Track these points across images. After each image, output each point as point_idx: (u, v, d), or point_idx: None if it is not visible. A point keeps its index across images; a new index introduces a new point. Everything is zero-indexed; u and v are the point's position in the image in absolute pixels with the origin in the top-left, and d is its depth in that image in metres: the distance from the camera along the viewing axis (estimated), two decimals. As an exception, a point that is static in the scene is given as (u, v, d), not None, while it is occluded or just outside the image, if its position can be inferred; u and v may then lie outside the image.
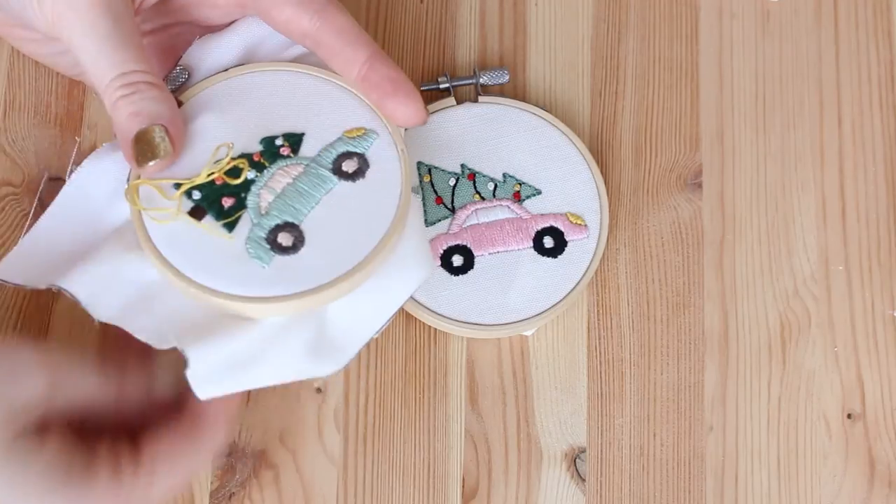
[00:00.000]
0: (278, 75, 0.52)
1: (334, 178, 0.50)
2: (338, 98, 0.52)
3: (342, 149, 0.51)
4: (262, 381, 0.48)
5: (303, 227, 0.49)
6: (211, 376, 0.47)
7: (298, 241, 0.49)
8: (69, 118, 0.59)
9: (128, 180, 0.50)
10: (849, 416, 0.58)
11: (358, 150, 0.51)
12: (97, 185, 0.51)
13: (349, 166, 0.51)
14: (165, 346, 0.46)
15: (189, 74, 0.53)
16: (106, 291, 0.47)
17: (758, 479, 0.57)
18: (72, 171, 0.51)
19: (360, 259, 0.49)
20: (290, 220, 0.49)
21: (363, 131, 0.52)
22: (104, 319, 0.47)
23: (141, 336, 0.46)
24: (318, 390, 0.56)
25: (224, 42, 0.54)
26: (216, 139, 0.50)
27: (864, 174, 0.61)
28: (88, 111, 0.59)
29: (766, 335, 0.58)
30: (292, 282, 0.48)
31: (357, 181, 0.51)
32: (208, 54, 0.53)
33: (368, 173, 0.51)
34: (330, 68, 0.52)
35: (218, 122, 0.51)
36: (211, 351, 0.47)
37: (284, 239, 0.49)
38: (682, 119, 0.61)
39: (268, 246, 0.48)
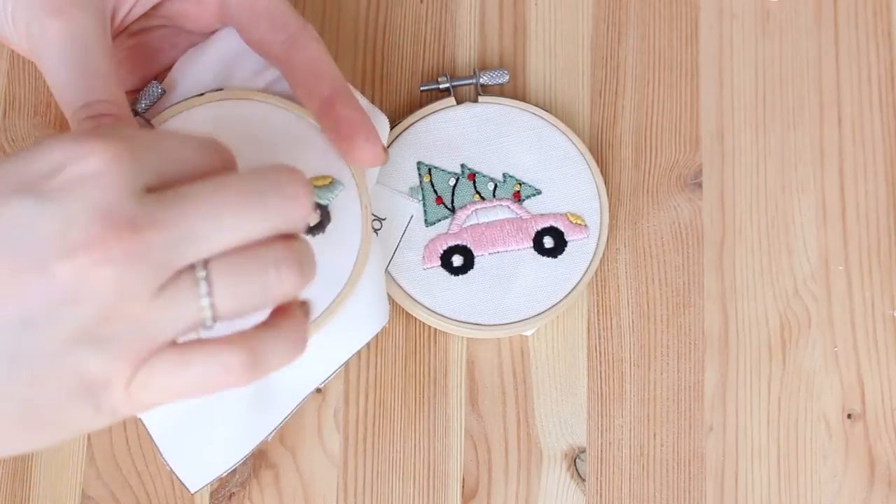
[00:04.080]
0: (252, 107, 0.51)
1: None
2: (309, 140, 0.51)
3: None
4: (216, 433, 0.48)
5: None
6: (165, 419, 0.46)
7: None
8: (69, 118, 0.59)
9: None
10: (849, 416, 0.58)
11: (322, 202, 0.49)
12: None
13: (311, 219, 0.49)
14: None
15: (164, 91, 0.52)
16: None
17: (758, 479, 0.57)
18: None
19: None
20: None
21: (330, 180, 0.50)
22: None
23: None
24: (318, 390, 0.56)
25: (202, 60, 0.52)
26: None
27: (864, 174, 0.61)
28: (88, 111, 0.59)
29: (766, 335, 0.58)
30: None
31: (316, 235, 0.49)
32: (186, 72, 0.52)
33: (329, 228, 0.49)
34: (295, 96, 0.51)
35: None
36: None
37: None
38: (682, 119, 0.61)
39: None
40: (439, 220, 0.57)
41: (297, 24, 0.50)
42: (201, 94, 0.51)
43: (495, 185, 0.58)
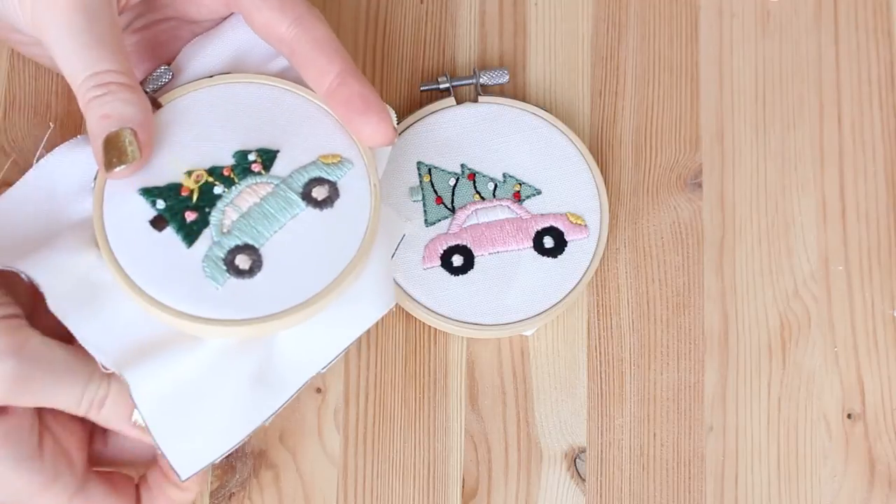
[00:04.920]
0: (262, 89, 0.52)
1: (302, 204, 0.49)
2: (319, 121, 0.51)
3: (315, 173, 0.50)
4: (213, 416, 0.48)
5: (262, 251, 0.48)
6: (160, 402, 0.47)
7: (256, 266, 0.48)
8: (69, 118, 0.59)
9: (94, 179, 0.49)
10: (849, 416, 0.58)
11: (331, 178, 0.50)
12: (64, 176, 0.50)
13: (319, 193, 0.50)
14: (106, 366, 0.46)
15: (173, 75, 0.52)
16: (58, 281, 0.47)
17: (758, 480, 0.57)
18: (40, 157, 0.50)
19: (313, 293, 0.48)
20: (250, 242, 0.48)
21: (339, 159, 0.50)
22: (53, 311, 0.46)
23: (85, 345, 0.46)
24: (318, 390, 0.56)
25: (212, 46, 0.53)
26: (191, 147, 0.50)
27: (864, 174, 0.61)
28: (88, 111, 0.59)
29: (766, 335, 0.58)
30: (243, 307, 0.47)
31: (325, 210, 0.49)
32: (195, 57, 0.53)
33: (337, 203, 0.50)
34: (302, 79, 0.51)
35: (194, 130, 0.50)
36: (153, 373, 0.47)
37: (242, 262, 0.48)
38: (682, 119, 0.61)
39: (224, 267, 0.48)
40: (439, 220, 0.57)
41: (304, 6, 0.51)
42: (210, 77, 0.52)
43: (495, 185, 0.58)
